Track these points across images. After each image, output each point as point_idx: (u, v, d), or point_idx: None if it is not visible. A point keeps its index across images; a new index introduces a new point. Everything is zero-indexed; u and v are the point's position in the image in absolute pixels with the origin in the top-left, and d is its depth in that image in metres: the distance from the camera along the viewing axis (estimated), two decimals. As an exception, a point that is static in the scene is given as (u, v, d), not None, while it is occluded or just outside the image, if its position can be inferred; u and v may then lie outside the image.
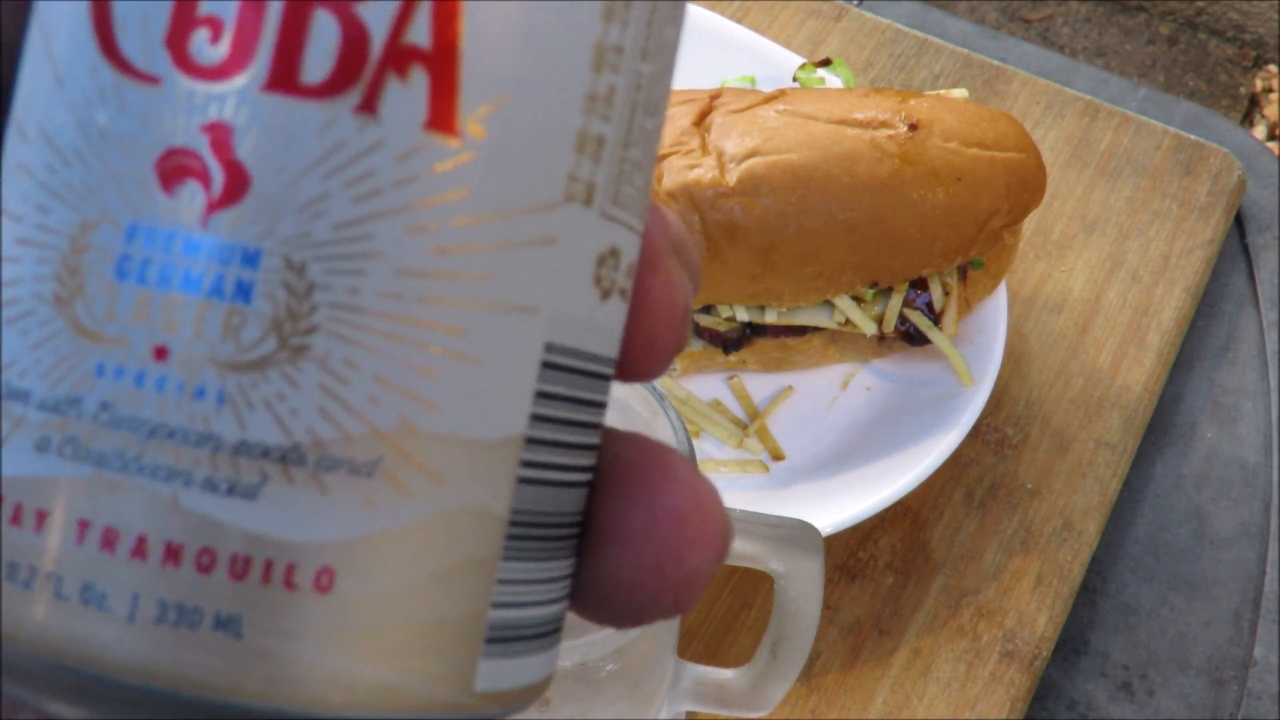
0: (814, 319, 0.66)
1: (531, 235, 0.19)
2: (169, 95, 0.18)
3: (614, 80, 0.19)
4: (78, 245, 0.18)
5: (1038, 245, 0.76)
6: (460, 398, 0.18)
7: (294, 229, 0.17)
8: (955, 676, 0.60)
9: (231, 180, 0.17)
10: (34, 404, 0.18)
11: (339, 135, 0.17)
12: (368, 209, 0.18)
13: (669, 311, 0.22)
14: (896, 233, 0.63)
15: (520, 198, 0.18)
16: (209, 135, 0.18)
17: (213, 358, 0.17)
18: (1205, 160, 0.81)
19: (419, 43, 0.18)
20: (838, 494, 0.61)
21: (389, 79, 0.18)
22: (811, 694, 0.59)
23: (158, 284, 0.18)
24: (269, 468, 0.17)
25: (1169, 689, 0.63)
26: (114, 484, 0.18)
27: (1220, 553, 0.67)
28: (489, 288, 0.18)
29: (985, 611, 0.62)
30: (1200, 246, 0.77)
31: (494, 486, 0.19)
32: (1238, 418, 0.73)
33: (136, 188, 0.18)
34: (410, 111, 0.18)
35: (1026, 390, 0.70)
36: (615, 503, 0.21)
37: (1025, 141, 0.66)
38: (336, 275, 0.18)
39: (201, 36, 0.18)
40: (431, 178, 0.18)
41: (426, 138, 0.18)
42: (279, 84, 0.17)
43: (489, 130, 0.18)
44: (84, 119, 0.18)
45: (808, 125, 0.64)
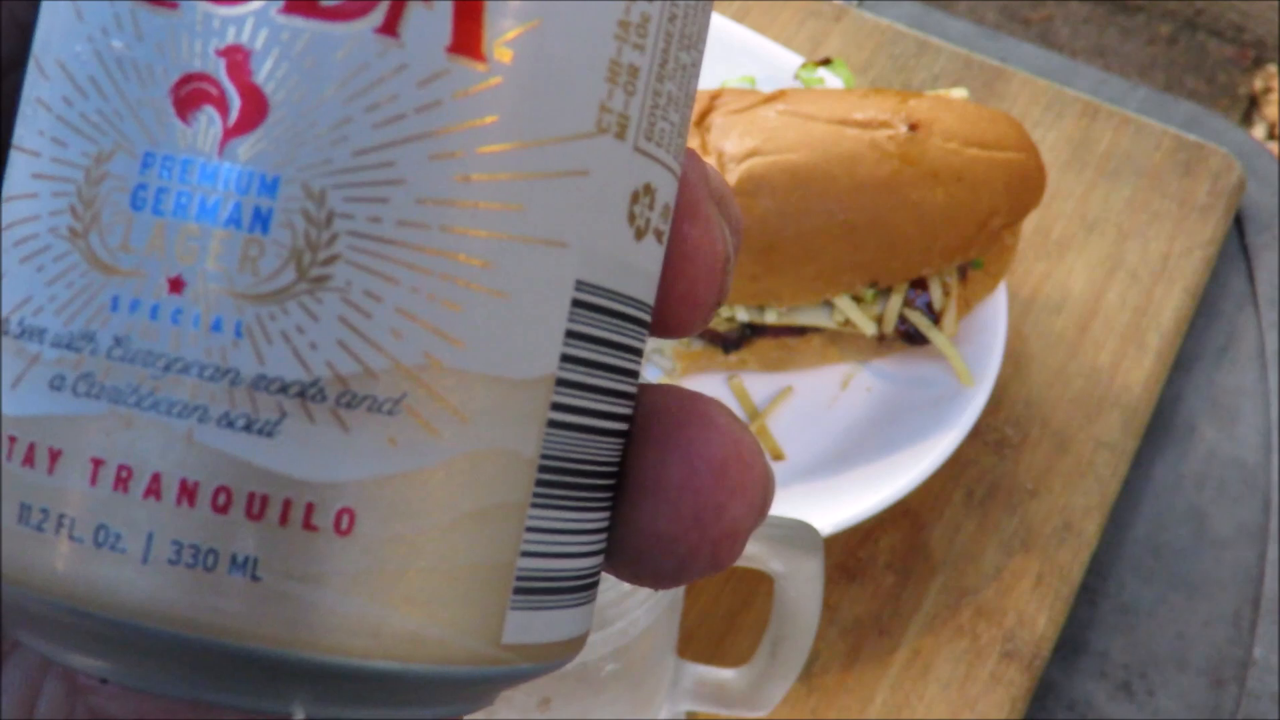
0: (814, 319, 0.66)
1: (561, 166, 0.18)
2: (185, 20, 0.17)
3: (648, 8, 0.19)
4: (93, 176, 0.18)
5: (1037, 245, 0.76)
6: (487, 334, 0.18)
7: (313, 156, 0.17)
8: (955, 676, 0.60)
9: (249, 106, 0.17)
10: (49, 341, 0.18)
11: (360, 59, 0.17)
12: (390, 135, 0.17)
13: (709, 261, 0.21)
14: (896, 233, 0.63)
15: (549, 126, 0.18)
16: (226, 60, 0.17)
17: (230, 289, 0.17)
18: (1205, 160, 0.81)
19: None
20: (838, 494, 0.61)
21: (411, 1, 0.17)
22: (811, 694, 0.59)
23: (174, 213, 0.17)
24: (287, 404, 0.17)
25: (1168, 689, 0.63)
26: (128, 420, 0.17)
27: (1220, 553, 0.68)
28: (517, 219, 0.18)
29: (985, 611, 0.62)
30: (1200, 247, 0.77)
31: (523, 428, 0.18)
32: (1237, 418, 0.73)
33: (153, 116, 0.17)
34: (434, 34, 0.17)
35: (1026, 390, 0.70)
36: (651, 452, 0.20)
37: (1025, 142, 0.67)
38: (357, 203, 0.17)
39: None
40: (456, 103, 0.17)
41: (451, 61, 0.17)
42: (297, 6, 0.17)
43: (516, 55, 0.17)
44: (101, 48, 0.18)
45: (808, 125, 0.64)
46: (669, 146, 0.20)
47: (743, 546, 0.20)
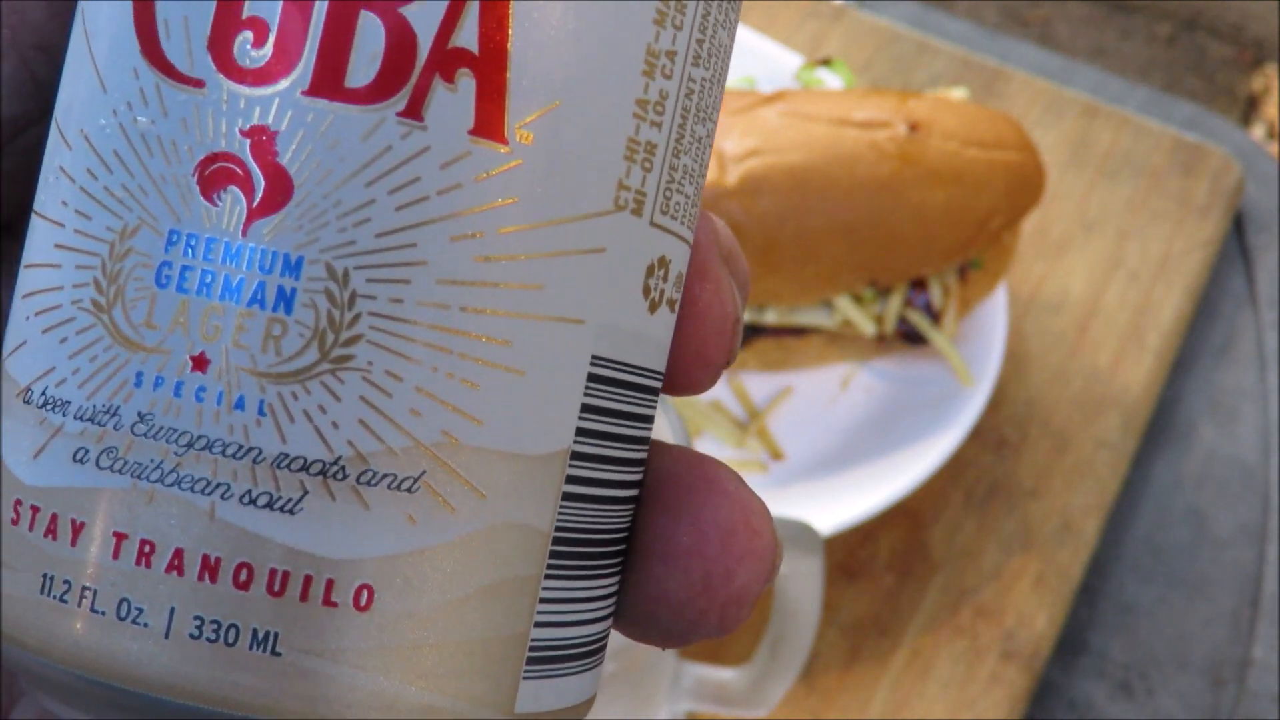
0: (814, 319, 0.66)
1: (580, 244, 0.18)
2: (211, 98, 0.17)
3: (666, 86, 0.19)
4: (117, 251, 0.18)
5: (1037, 245, 0.76)
6: (505, 411, 0.18)
7: (337, 237, 0.17)
8: (955, 676, 0.60)
9: (274, 187, 0.17)
10: (71, 413, 0.18)
11: (384, 141, 0.17)
12: (412, 216, 0.17)
13: (719, 322, 0.21)
14: (896, 233, 0.63)
15: (569, 206, 0.18)
16: (251, 140, 0.17)
17: (253, 368, 0.17)
18: (1204, 160, 0.81)
19: (467, 46, 0.17)
20: (838, 494, 0.61)
21: (435, 84, 0.17)
22: (811, 694, 0.59)
23: (198, 292, 0.17)
24: (309, 481, 0.17)
25: (1168, 689, 0.63)
26: (151, 495, 0.17)
27: (1219, 553, 0.68)
28: (535, 298, 0.18)
29: (985, 611, 0.62)
30: (1199, 247, 0.77)
31: (538, 502, 0.18)
32: (1236, 418, 0.73)
33: (177, 193, 0.17)
34: (457, 117, 0.17)
35: (1026, 390, 0.70)
36: (661, 518, 0.21)
37: (1024, 142, 0.67)
38: (380, 284, 0.17)
39: (245, 39, 0.17)
40: (477, 185, 0.17)
41: (473, 144, 0.17)
42: (323, 88, 0.17)
43: (538, 137, 0.18)
44: (126, 122, 0.18)
45: (807, 126, 0.64)
46: (684, 218, 0.20)
47: (750, 610, 0.21)
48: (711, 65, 0.20)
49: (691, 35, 0.19)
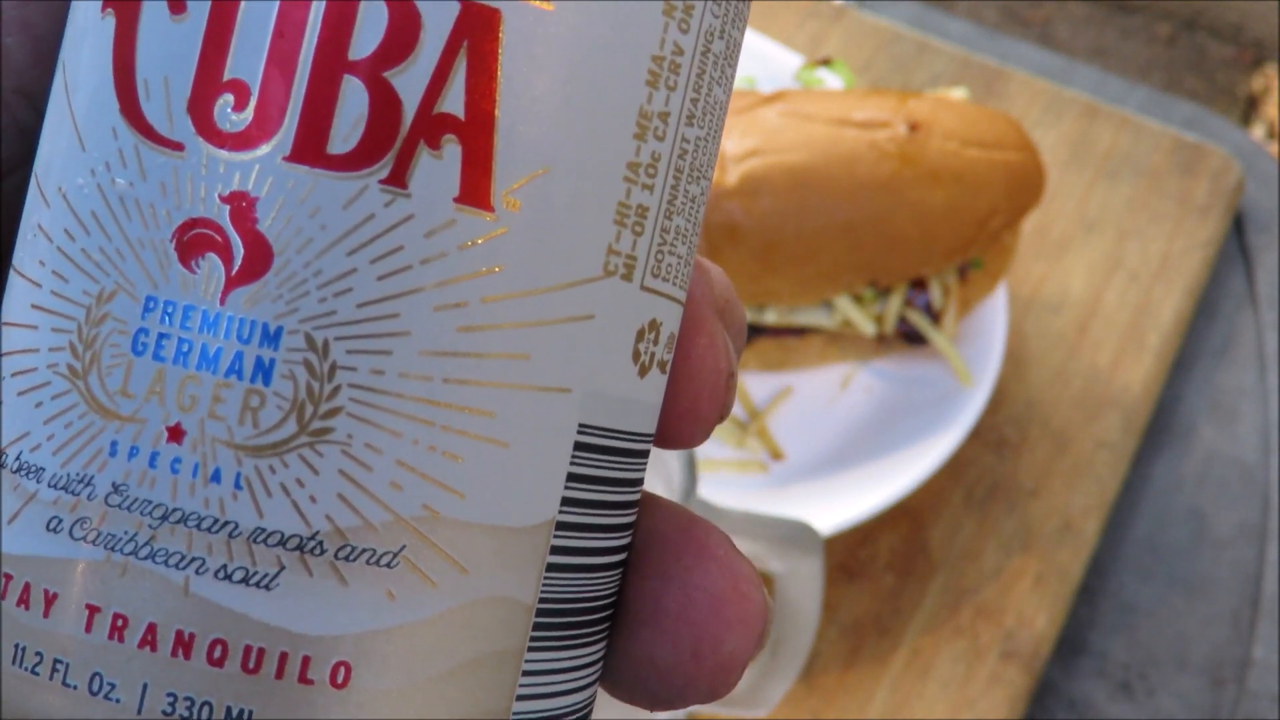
0: (814, 319, 0.66)
1: (567, 312, 0.18)
2: (190, 162, 0.17)
3: (658, 148, 0.18)
4: (94, 316, 0.17)
5: (1037, 245, 0.76)
6: (488, 484, 0.17)
7: (317, 307, 0.17)
8: (955, 676, 0.60)
9: (253, 254, 0.17)
10: (46, 481, 0.18)
11: (366, 209, 0.17)
12: (395, 286, 0.17)
13: (712, 378, 0.21)
14: (896, 233, 0.63)
15: (556, 274, 0.18)
16: (231, 206, 0.17)
17: (230, 440, 0.17)
18: (1204, 161, 0.81)
19: (453, 112, 0.17)
20: (838, 494, 0.61)
21: (420, 151, 0.17)
22: (811, 694, 0.59)
23: (174, 360, 0.17)
24: (286, 556, 0.17)
25: (1168, 689, 0.63)
26: (125, 568, 0.17)
27: (1219, 553, 0.68)
28: (520, 368, 0.17)
29: (985, 611, 0.62)
30: (1199, 247, 0.77)
31: (522, 575, 0.18)
32: (1236, 418, 0.73)
33: (155, 259, 0.17)
34: (442, 185, 0.17)
35: (1026, 390, 0.70)
36: (650, 582, 0.20)
37: (1024, 142, 0.67)
38: (360, 355, 0.17)
39: (226, 102, 0.17)
40: (462, 254, 0.17)
41: (458, 212, 0.17)
42: (305, 154, 0.17)
43: (525, 204, 0.17)
44: (104, 183, 0.18)
45: (807, 126, 0.64)
46: (676, 278, 0.20)
47: (739, 677, 0.20)
48: (706, 123, 0.20)
49: (685, 95, 0.19)
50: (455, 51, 0.17)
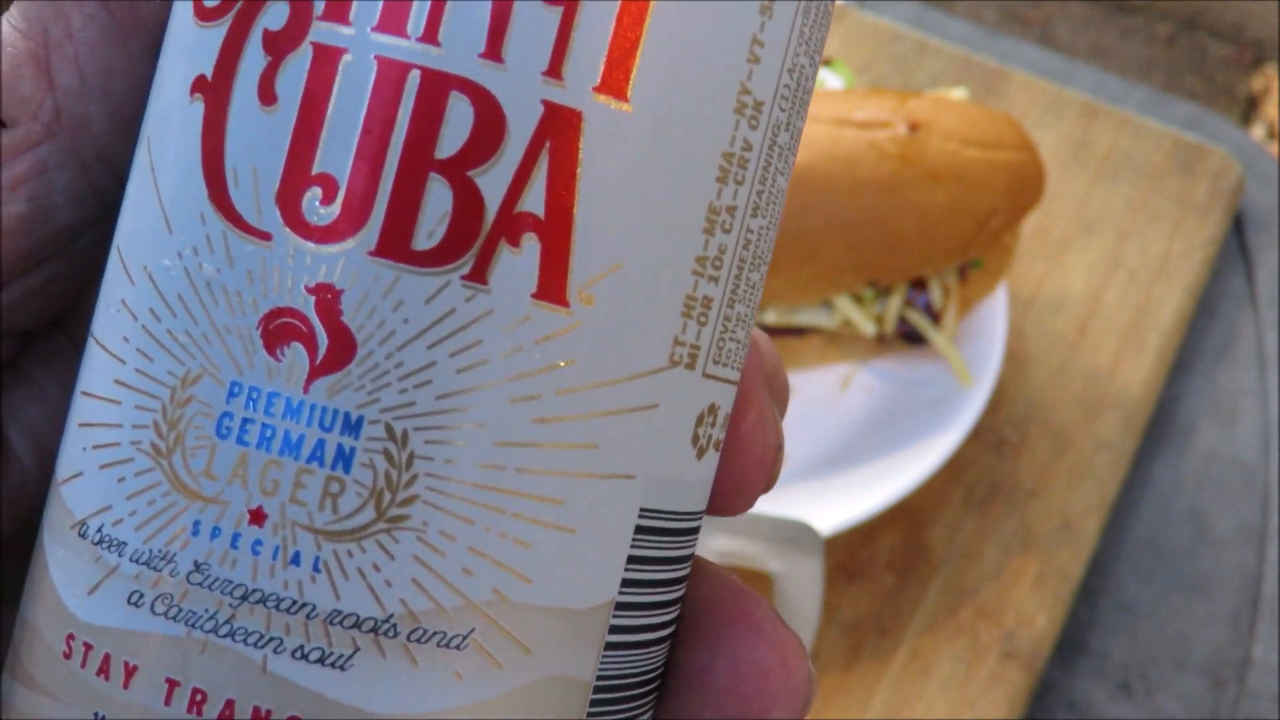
0: (813, 319, 0.66)
1: (634, 403, 0.18)
2: (278, 252, 0.17)
3: (725, 240, 0.19)
4: (178, 398, 0.18)
5: (1037, 245, 0.76)
6: (554, 568, 0.18)
7: (398, 398, 0.17)
8: (955, 676, 0.60)
9: (336, 345, 0.17)
10: (128, 555, 0.18)
11: (447, 304, 0.17)
12: (473, 380, 0.17)
13: (759, 451, 0.21)
14: (896, 233, 0.63)
15: (625, 366, 0.18)
16: (316, 297, 0.17)
17: (310, 524, 0.17)
18: (1204, 160, 0.81)
19: (533, 210, 0.17)
20: (838, 494, 0.61)
21: (501, 248, 0.17)
22: (811, 694, 0.59)
23: (257, 445, 0.17)
24: (361, 638, 0.17)
25: (1168, 689, 0.63)
26: (205, 645, 0.17)
27: (1219, 553, 0.68)
28: (588, 457, 0.18)
29: (985, 611, 0.62)
30: (1199, 247, 0.77)
31: (582, 654, 0.19)
32: (1236, 418, 0.73)
33: (240, 345, 0.17)
34: (521, 281, 0.17)
35: (1026, 390, 0.70)
36: (699, 653, 0.21)
37: (1024, 142, 0.67)
38: (438, 445, 0.17)
39: (314, 195, 0.17)
40: (538, 348, 0.17)
41: (536, 308, 0.17)
42: (390, 249, 0.17)
43: (599, 299, 0.18)
44: (191, 267, 0.18)
45: (808, 126, 0.64)
46: (734, 363, 0.20)
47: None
48: (769, 213, 0.20)
49: (752, 188, 0.19)
50: (538, 152, 0.17)
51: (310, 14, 0.17)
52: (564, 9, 0.17)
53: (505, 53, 0.17)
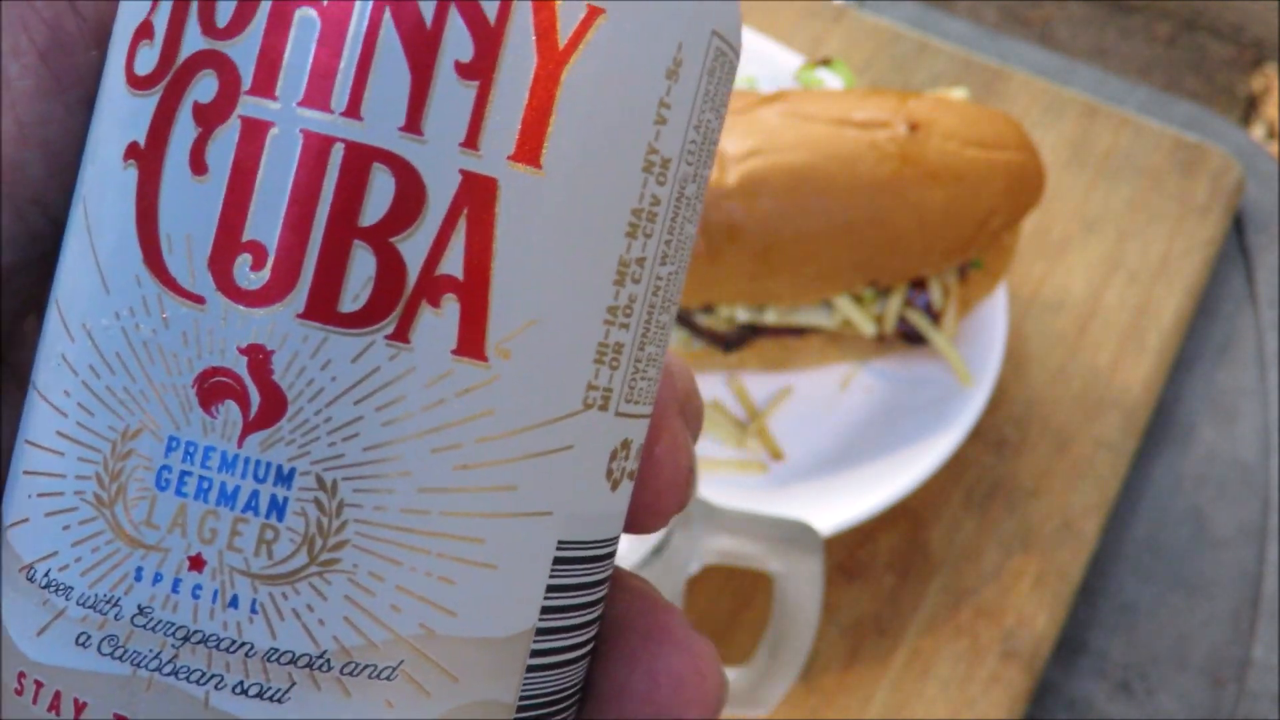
0: (813, 319, 0.66)
1: (550, 445, 0.19)
2: (211, 315, 0.18)
3: (635, 290, 0.20)
4: (119, 451, 0.19)
5: (1037, 245, 0.76)
6: (477, 602, 0.19)
7: (327, 450, 0.18)
8: (955, 676, 0.60)
9: (268, 402, 0.18)
10: (74, 599, 0.19)
11: (373, 362, 0.18)
12: (398, 432, 0.18)
13: (672, 474, 0.22)
14: (896, 233, 0.63)
15: (541, 413, 0.19)
16: (249, 358, 0.18)
17: (246, 570, 0.18)
18: (1204, 161, 0.81)
19: (453, 273, 0.18)
20: (838, 494, 0.61)
21: (422, 309, 0.18)
22: (811, 694, 0.59)
23: (195, 496, 0.18)
24: (297, 673, 0.18)
25: (1168, 689, 0.63)
26: (150, 683, 0.18)
27: (1219, 553, 0.68)
28: (508, 498, 0.19)
29: (985, 611, 0.62)
30: (1199, 247, 0.77)
31: (505, 678, 0.20)
32: (1236, 418, 0.73)
33: (177, 402, 0.18)
34: (441, 339, 0.18)
35: (1026, 390, 0.70)
36: (617, 666, 0.22)
37: (1024, 142, 0.67)
38: (366, 494, 0.18)
39: (244, 261, 0.18)
40: (459, 400, 0.19)
41: (456, 363, 0.18)
42: (317, 313, 0.18)
43: (515, 353, 0.19)
44: (128, 327, 0.19)
45: (807, 126, 0.64)
46: (646, 399, 0.21)
47: None
48: (677, 259, 0.21)
49: (660, 239, 0.20)
50: (456, 218, 0.18)
51: (238, 88, 0.18)
52: (479, 84, 0.18)
53: (424, 126, 0.18)
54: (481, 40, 0.18)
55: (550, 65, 0.18)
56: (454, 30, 0.18)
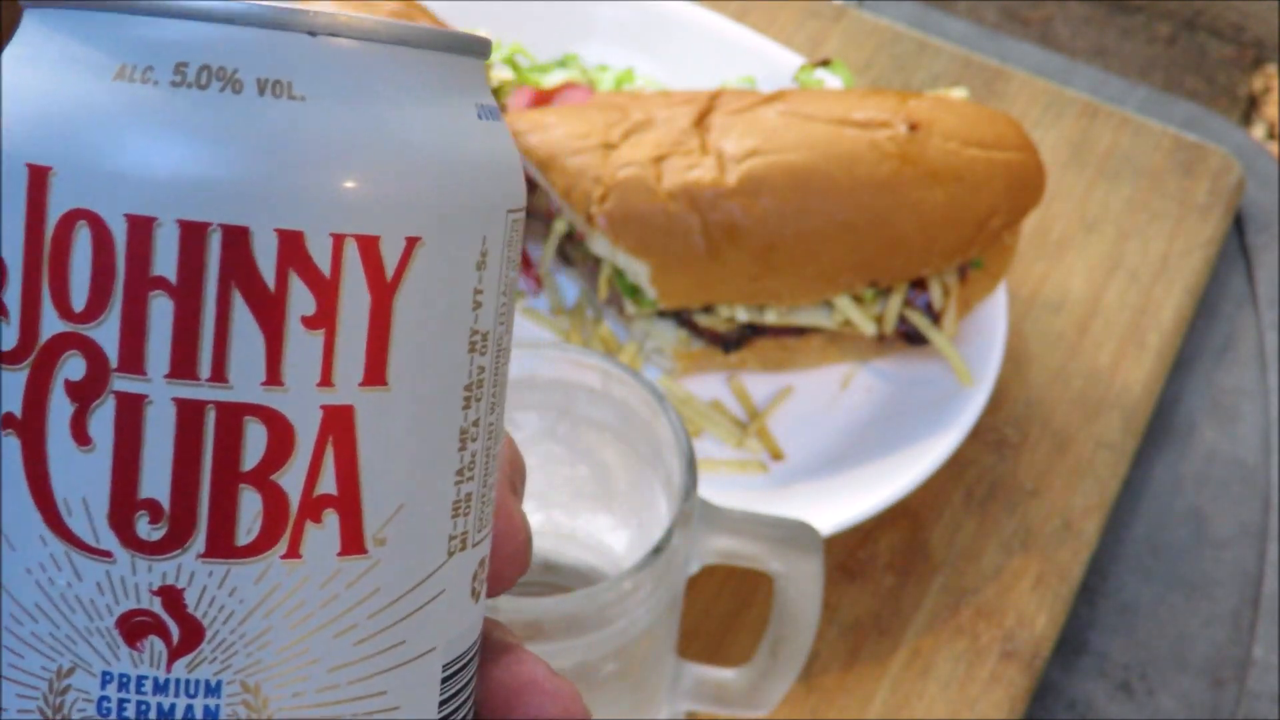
0: (814, 319, 0.66)
1: (427, 598, 0.22)
2: (120, 566, 0.20)
3: (474, 447, 0.23)
4: (57, 688, 0.21)
5: (1037, 245, 0.76)
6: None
7: (246, 660, 0.21)
8: (955, 676, 0.60)
9: (187, 631, 0.20)
10: None
11: (273, 580, 0.20)
12: (303, 630, 0.21)
13: (513, 548, 0.25)
14: (896, 233, 0.63)
15: (417, 575, 0.22)
16: (162, 597, 0.20)
17: None
18: (1204, 160, 0.81)
19: (328, 491, 0.21)
20: (838, 494, 0.61)
21: (307, 527, 0.21)
22: (811, 694, 0.59)
23: (136, 717, 0.20)
24: None
25: (1168, 689, 0.63)
26: None
27: (1219, 552, 0.68)
28: (400, 651, 0.22)
29: (985, 611, 0.62)
30: (1199, 247, 0.77)
31: None
32: (1237, 418, 0.73)
33: (104, 643, 0.20)
34: (327, 546, 0.21)
35: (1026, 390, 0.70)
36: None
37: (1024, 142, 0.67)
38: (285, 686, 0.21)
39: (142, 517, 0.20)
40: (349, 591, 0.21)
41: (342, 562, 0.21)
42: (216, 551, 0.20)
43: (389, 539, 0.21)
44: (42, 581, 0.20)
45: (807, 126, 0.64)
46: (490, 520, 0.24)
47: None
48: (501, 398, 0.24)
49: (489, 394, 0.23)
50: (324, 446, 0.21)
51: (107, 367, 0.20)
52: (325, 330, 0.20)
53: (284, 377, 0.20)
54: (321, 293, 0.20)
55: (382, 297, 0.21)
56: (296, 290, 0.20)
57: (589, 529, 0.51)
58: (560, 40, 0.78)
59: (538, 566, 0.52)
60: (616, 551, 0.51)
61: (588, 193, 0.63)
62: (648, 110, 0.66)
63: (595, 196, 0.63)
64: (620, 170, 0.63)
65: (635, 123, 0.65)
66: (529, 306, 0.70)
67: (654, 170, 0.62)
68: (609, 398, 0.47)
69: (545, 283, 0.71)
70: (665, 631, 0.47)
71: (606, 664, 0.44)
